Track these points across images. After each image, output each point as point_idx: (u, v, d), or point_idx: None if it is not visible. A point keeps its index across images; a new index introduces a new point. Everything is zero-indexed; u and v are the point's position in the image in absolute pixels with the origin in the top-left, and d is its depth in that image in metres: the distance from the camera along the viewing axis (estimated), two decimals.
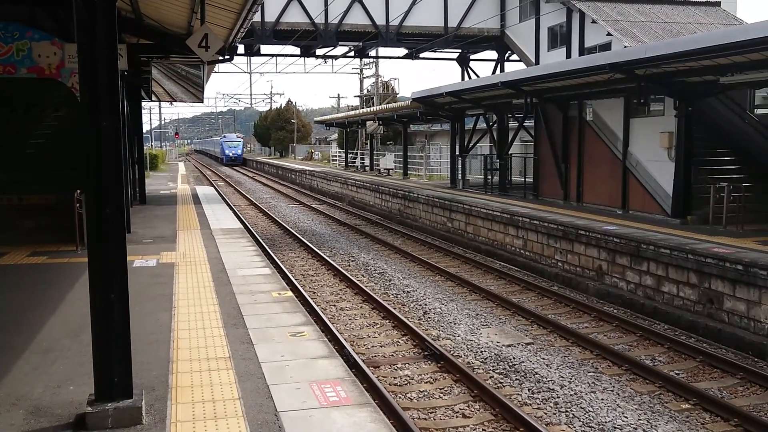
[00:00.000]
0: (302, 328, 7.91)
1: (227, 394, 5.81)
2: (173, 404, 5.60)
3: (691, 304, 11.55)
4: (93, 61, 5.03)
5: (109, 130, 5.07)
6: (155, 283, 10.21)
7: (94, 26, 4.98)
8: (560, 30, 28.80)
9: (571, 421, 7.62)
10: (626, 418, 7.68)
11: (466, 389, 8.51)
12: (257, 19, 29.38)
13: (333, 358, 6.87)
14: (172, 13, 12.81)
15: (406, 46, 33.98)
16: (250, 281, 10.41)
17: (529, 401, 8.19)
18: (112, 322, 5.15)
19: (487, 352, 9.97)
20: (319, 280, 14.96)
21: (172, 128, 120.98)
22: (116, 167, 5.13)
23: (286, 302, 9.21)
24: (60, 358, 6.74)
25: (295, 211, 29.09)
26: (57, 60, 11.71)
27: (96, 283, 5.14)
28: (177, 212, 20.12)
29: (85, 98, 5.07)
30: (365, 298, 13.08)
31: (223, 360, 6.71)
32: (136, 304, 8.22)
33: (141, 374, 6.01)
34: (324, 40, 31.69)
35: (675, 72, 14.29)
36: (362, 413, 5.50)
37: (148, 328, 7.77)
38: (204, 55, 11.20)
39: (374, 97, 50.99)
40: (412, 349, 10.15)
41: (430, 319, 11.83)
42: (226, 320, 8.18)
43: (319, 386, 6.05)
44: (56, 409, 5.48)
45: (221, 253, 12.80)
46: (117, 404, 5.13)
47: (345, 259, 17.28)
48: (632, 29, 25.61)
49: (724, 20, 28.12)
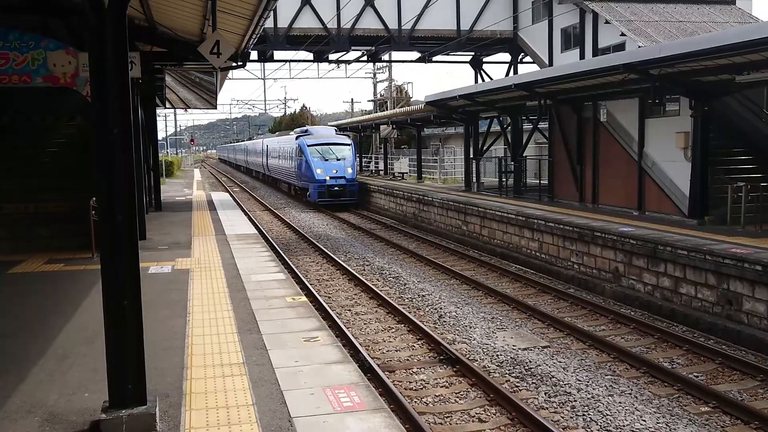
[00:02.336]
0: (316, 333, 7.89)
1: (241, 400, 5.80)
2: (187, 411, 5.59)
3: (709, 305, 11.41)
4: (104, 69, 5.04)
5: (121, 138, 5.09)
6: (170, 289, 10.23)
7: (104, 34, 5.00)
8: (573, 31, 28.65)
9: (589, 424, 7.54)
10: (644, 421, 7.58)
11: (482, 393, 8.45)
12: (270, 25, 29.46)
13: (347, 363, 6.84)
14: (184, 20, 12.87)
15: (418, 50, 33.95)
16: (264, 286, 10.41)
17: (545, 405, 8.11)
18: (125, 328, 5.15)
19: (503, 355, 9.90)
20: (333, 284, 14.94)
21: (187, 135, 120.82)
22: (128, 174, 5.14)
23: (300, 307, 9.20)
24: (75, 365, 6.76)
25: (310, 216, 29.13)
26: (72, 69, 11.78)
27: (109, 289, 5.15)
28: (192, 218, 20.20)
29: (97, 106, 5.09)
30: (380, 302, 13.05)
31: (237, 366, 6.70)
32: (151, 311, 8.25)
33: (155, 381, 6.01)
34: (337, 45, 31.73)
35: (690, 71, 14.15)
36: (377, 418, 5.46)
37: (163, 334, 7.79)
38: (216, 62, 11.23)
39: (388, 101, 51.00)
40: (427, 353, 10.09)
41: (445, 322, 11.77)
42: (241, 326, 8.18)
43: (333, 391, 6.02)
44: (71, 416, 5.50)
45: (236, 259, 12.82)
46: (131, 411, 5.13)
47: (360, 264, 17.26)
48: (646, 29, 25.43)
49: (740, 18, 27.85)
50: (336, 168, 31.55)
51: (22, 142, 14.15)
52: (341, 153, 32.51)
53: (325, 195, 31.20)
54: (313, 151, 32.17)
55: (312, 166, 31.61)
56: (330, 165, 31.62)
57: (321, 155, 31.98)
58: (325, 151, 32.25)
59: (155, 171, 23.68)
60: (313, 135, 34.21)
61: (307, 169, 32.00)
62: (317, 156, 31.89)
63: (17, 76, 11.82)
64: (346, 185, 31.58)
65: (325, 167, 31.47)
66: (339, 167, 31.66)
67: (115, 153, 5.08)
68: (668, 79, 14.68)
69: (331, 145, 32.74)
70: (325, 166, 31.52)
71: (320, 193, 31.16)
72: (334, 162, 31.81)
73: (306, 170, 32.27)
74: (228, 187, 48.43)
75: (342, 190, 31.42)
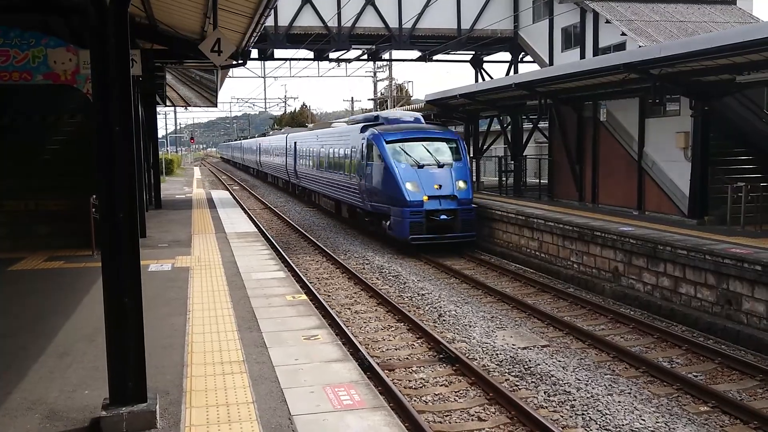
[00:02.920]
0: (316, 332, 7.90)
1: (241, 398, 5.81)
2: (187, 408, 5.60)
3: (709, 305, 11.42)
4: (105, 67, 5.05)
5: (122, 135, 5.10)
6: (170, 287, 10.24)
7: (106, 33, 5.01)
8: (574, 30, 28.65)
9: (588, 424, 7.55)
10: (644, 420, 7.59)
11: (482, 392, 8.46)
12: (270, 23, 29.46)
13: (347, 362, 6.85)
14: (185, 18, 12.87)
15: (419, 49, 33.96)
16: (264, 285, 10.42)
17: (545, 404, 8.12)
18: (126, 326, 5.17)
19: (503, 354, 9.91)
20: (333, 283, 14.95)
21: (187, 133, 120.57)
22: (129, 172, 5.15)
23: (300, 305, 9.21)
24: (75, 362, 6.77)
25: (310, 215, 29.13)
26: (72, 66, 11.78)
27: (110, 287, 5.17)
28: (192, 216, 20.20)
29: (98, 103, 5.10)
30: (380, 300, 13.06)
31: (237, 363, 6.71)
32: (151, 308, 8.25)
33: (155, 378, 6.02)
34: (337, 44, 31.75)
35: (690, 71, 14.16)
36: (376, 416, 5.48)
37: (163, 332, 7.80)
38: (217, 60, 11.24)
39: (388, 99, 51.00)
40: (427, 351, 10.10)
41: (445, 321, 11.78)
42: (241, 324, 8.19)
43: (333, 389, 6.03)
44: (71, 413, 5.51)
45: (236, 257, 12.83)
46: (131, 408, 5.15)
47: (360, 263, 17.26)
48: (647, 29, 25.43)
49: (740, 18, 27.85)
50: (440, 181, 18.56)
51: (23, 139, 14.16)
52: (443, 154, 19.42)
53: (422, 229, 18.02)
54: (395, 150, 19.13)
55: (398, 177, 18.44)
56: (429, 176, 18.63)
57: (411, 158, 19.02)
58: (417, 152, 19.28)
59: (155, 169, 23.69)
60: (391, 125, 20.86)
61: (388, 182, 18.75)
62: (404, 160, 18.92)
63: (18, 74, 11.83)
64: (458, 211, 18.26)
65: (421, 180, 18.47)
66: (443, 180, 18.61)
67: (116, 151, 5.09)
68: (668, 78, 14.69)
69: (425, 141, 19.64)
70: (422, 177, 18.55)
71: (414, 225, 17.98)
72: (434, 170, 18.80)
73: (385, 184, 18.94)
74: (228, 185, 48.42)
75: (452, 220, 18.20)
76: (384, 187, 19.00)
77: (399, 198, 18.29)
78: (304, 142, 31.50)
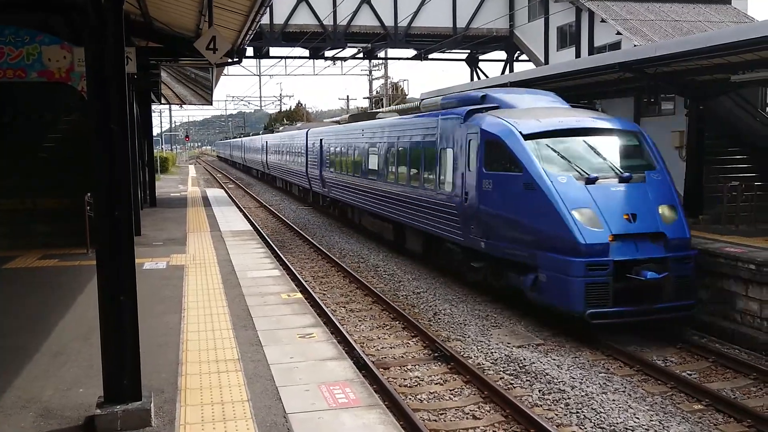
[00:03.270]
0: (311, 330, 7.90)
1: (236, 396, 5.81)
2: (182, 406, 5.60)
3: (702, 304, 11.45)
4: (101, 64, 5.04)
5: (118, 134, 5.09)
6: (165, 285, 10.23)
7: (102, 30, 5.00)
8: (569, 29, 28.70)
9: (582, 422, 7.56)
10: (638, 419, 7.61)
11: (477, 390, 8.47)
12: (266, 21, 29.45)
13: (342, 360, 6.86)
14: (180, 15, 12.85)
15: (414, 47, 33.98)
16: (259, 283, 10.42)
17: (539, 402, 8.14)
18: (121, 324, 5.16)
19: (498, 353, 9.92)
20: (329, 281, 14.95)
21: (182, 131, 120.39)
22: (125, 170, 5.15)
23: (295, 304, 9.21)
24: (70, 361, 6.76)
25: (305, 213, 29.11)
26: (67, 64, 11.75)
27: (105, 285, 5.16)
28: (187, 215, 20.18)
29: (94, 102, 5.09)
30: (375, 299, 13.06)
31: (232, 362, 6.71)
32: (146, 307, 8.24)
33: (150, 376, 6.02)
34: (333, 42, 31.75)
35: (685, 71, 14.20)
36: (371, 415, 5.48)
37: (158, 330, 7.79)
38: (212, 58, 11.22)
39: (383, 98, 51.01)
40: (422, 350, 10.11)
41: (440, 320, 11.79)
42: (236, 322, 8.18)
43: (328, 388, 6.04)
44: (66, 412, 5.50)
45: (231, 255, 12.82)
46: (126, 406, 5.15)
47: (355, 261, 17.26)
48: (642, 28, 25.48)
49: (735, 18, 27.93)
50: (631, 207, 10.77)
51: (19, 138, 14.12)
52: (626, 158, 11.75)
53: (607, 295, 10.21)
54: (543, 152, 11.40)
55: (556, 200, 10.62)
56: (610, 197, 10.87)
57: (574, 167, 11.21)
58: (581, 155, 11.52)
59: (150, 167, 23.65)
60: (518, 109, 12.89)
61: (534, 208, 11.03)
62: (562, 169, 11.16)
63: (12, 71, 11.78)
64: (669, 261, 10.49)
65: (599, 204, 10.67)
66: (637, 204, 10.86)
67: (112, 149, 5.09)
68: (664, 78, 14.73)
69: (590, 135, 11.80)
70: (599, 200, 10.74)
71: (594, 288, 10.18)
72: (617, 187, 11.04)
73: (526, 211, 11.25)
74: (223, 183, 48.37)
75: (662, 278, 10.19)
76: (523, 215, 11.20)
77: (559, 237, 10.45)
78: (337, 139, 23.77)
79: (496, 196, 11.88)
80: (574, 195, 10.63)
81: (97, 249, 5.25)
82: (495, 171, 11.92)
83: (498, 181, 11.82)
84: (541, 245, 10.80)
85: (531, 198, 10.95)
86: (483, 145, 12.22)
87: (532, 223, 10.99)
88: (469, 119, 13.00)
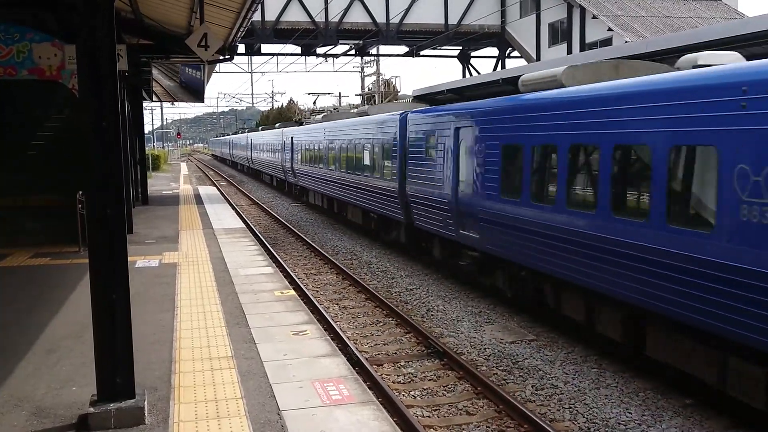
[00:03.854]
0: (305, 327, 7.91)
1: (230, 394, 5.81)
2: (176, 404, 5.60)
3: None
4: (93, 62, 5.03)
5: (110, 131, 5.08)
6: (158, 283, 10.22)
7: (93, 27, 4.98)
8: (561, 26, 28.76)
9: (575, 417, 7.60)
10: (630, 413, 7.65)
11: (470, 386, 8.49)
12: (257, 18, 29.40)
13: (336, 357, 6.87)
14: (171, 13, 12.82)
15: (406, 44, 34.00)
16: (252, 280, 10.42)
17: (533, 398, 8.17)
18: (113, 322, 5.15)
19: (491, 349, 9.95)
20: (322, 279, 14.95)
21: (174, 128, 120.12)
22: (116, 168, 5.13)
23: (288, 301, 9.22)
24: (63, 359, 6.75)
25: (297, 210, 29.10)
26: (57, 61, 11.71)
27: (97, 283, 5.15)
28: (179, 212, 20.14)
29: (85, 99, 5.07)
30: (368, 296, 13.07)
31: (226, 359, 6.71)
32: (139, 305, 8.23)
33: (143, 374, 6.01)
34: (324, 39, 31.73)
35: None
36: (365, 411, 5.49)
37: (151, 328, 7.78)
38: (204, 54, 11.21)
39: (375, 95, 50.98)
40: (415, 346, 10.13)
41: (433, 316, 11.81)
42: (229, 319, 8.18)
43: (321, 384, 6.04)
44: (59, 410, 5.49)
45: (223, 253, 12.81)
46: (119, 404, 5.14)
47: (348, 258, 17.27)
48: (633, 24, 25.56)
49: (725, 14, 28.05)
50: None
51: (10, 136, 14.06)
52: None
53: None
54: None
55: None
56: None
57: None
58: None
59: (142, 165, 23.59)
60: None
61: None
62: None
63: (2, 69, 11.74)
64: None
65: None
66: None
67: (104, 146, 5.07)
68: None
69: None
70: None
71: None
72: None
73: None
74: (215, 181, 48.26)
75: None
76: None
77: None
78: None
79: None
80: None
81: (89, 247, 5.24)
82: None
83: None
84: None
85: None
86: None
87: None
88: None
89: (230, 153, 63.40)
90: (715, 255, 6.65)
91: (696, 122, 7.02)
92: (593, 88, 9.04)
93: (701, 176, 7.14)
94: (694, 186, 7.27)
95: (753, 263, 6.20)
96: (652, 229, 7.53)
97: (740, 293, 6.37)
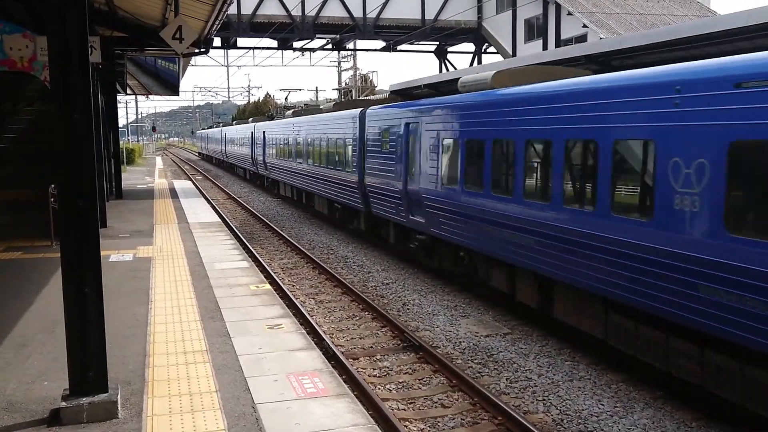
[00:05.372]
0: (280, 321, 7.90)
1: (204, 387, 5.80)
2: (149, 398, 5.57)
3: None
4: (64, 53, 4.97)
5: (82, 123, 5.03)
6: (132, 277, 10.13)
7: (64, 18, 4.93)
8: (537, 22, 28.93)
9: (549, 409, 7.68)
10: (603, 405, 7.75)
11: (445, 379, 8.55)
12: (233, 11, 29.19)
13: (311, 350, 6.88)
14: (145, 5, 12.68)
15: (383, 39, 33.98)
16: (228, 274, 10.38)
17: (507, 390, 8.24)
18: (86, 315, 5.11)
19: (466, 342, 10.02)
20: (298, 273, 14.92)
21: (149, 122, 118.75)
22: (89, 160, 5.09)
23: (264, 295, 9.19)
24: (34, 354, 6.68)
25: (274, 205, 29.00)
26: (29, 53, 11.54)
27: (69, 276, 5.10)
28: (154, 206, 19.97)
29: (57, 91, 5.02)
30: (344, 290, 13.08)
31: (200, 353, 6.69)
32: (113, 299, 8.17)
33: (117, 368, 5.97)
34: (301, 33, 31.60)
35: (650, 63, 14.39)
36: (340, 404, 5.51)
37: (125, 322, 7.72)
38: (178, 47, 11.12)
39: (353, 89, 50.89)
40: (391, 340, 10.16)
41: (409, 310, 11.85)
42: (204, 314, 8.15)
43: (297, 378, 6.05)
44: (30, 405, 5.43)
45: (199, 247, 12.74)
46: (92, 399, 5.10)
47: (324, 253, 17.25)
48: (608, 21, 25.79)
49: (698, 12, 28.41)
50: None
51: None
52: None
53: None
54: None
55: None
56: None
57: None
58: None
59: (116, 158, 23.34)
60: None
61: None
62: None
63: None
64: None
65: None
66: None
67: (76, 139, 5.02)
68: None
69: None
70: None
71: None
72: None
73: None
74: (190, 175, 47.90)
75: None
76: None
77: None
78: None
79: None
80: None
81: (61, 241, 5.19)
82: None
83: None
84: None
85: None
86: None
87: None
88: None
89: (252, 157, 53.92)
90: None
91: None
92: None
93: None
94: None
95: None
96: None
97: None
